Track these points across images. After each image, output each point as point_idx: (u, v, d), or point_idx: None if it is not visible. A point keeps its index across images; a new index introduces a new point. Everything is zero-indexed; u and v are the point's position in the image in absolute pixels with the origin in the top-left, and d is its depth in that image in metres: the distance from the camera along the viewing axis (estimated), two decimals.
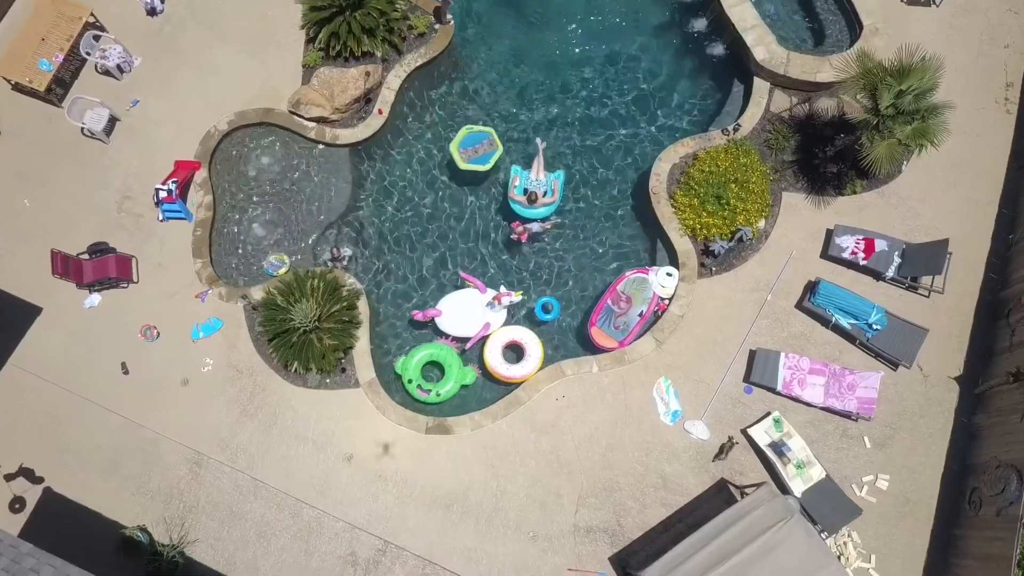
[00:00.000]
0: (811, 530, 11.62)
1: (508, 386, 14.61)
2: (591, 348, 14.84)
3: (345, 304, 14.29)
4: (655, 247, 15.57)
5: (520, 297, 14.85)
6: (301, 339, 13.94)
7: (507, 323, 15.04)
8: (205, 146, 16.12)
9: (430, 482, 13.94)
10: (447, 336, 15.08)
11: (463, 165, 15.71)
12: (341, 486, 13.99)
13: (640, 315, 14.68)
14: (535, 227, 15.35)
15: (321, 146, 16.31)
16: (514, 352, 14.79)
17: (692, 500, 13.61)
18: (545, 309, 15.12)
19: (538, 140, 15.96)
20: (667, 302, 14.76)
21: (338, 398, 14.52)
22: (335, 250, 15.18)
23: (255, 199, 16.16)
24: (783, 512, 11.66)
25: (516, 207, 15.55)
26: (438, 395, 14.32)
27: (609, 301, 14.91)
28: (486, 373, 14.68)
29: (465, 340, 14.92)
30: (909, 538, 13.29)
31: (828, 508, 13.00)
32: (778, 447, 13.40)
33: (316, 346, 13.90)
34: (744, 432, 13.84)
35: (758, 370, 13.95)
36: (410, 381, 14.41)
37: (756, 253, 14.97)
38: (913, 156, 15.15)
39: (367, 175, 16.41)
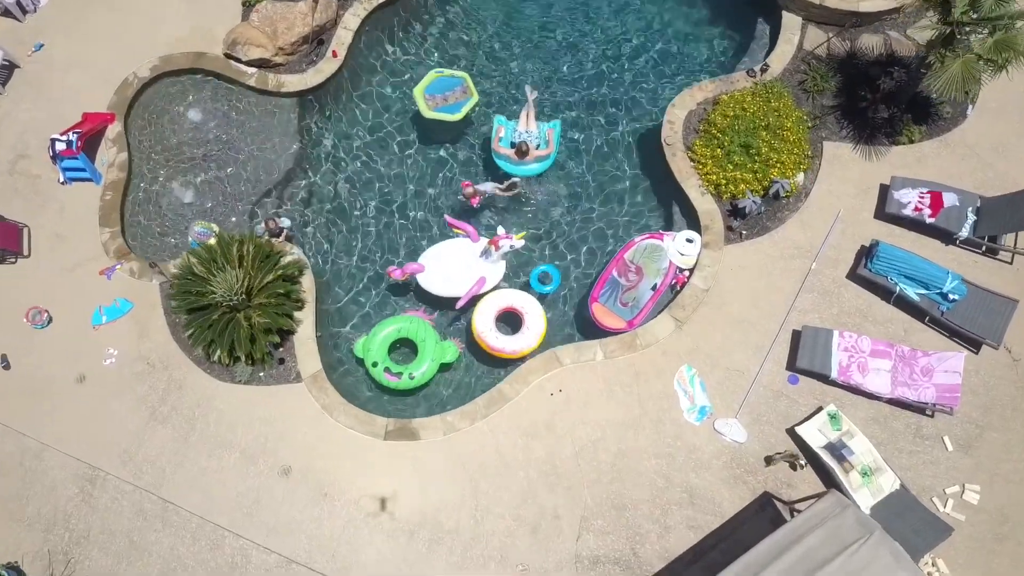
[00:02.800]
0: (899, 552, 8.56)
1: (497, 365, 11.79)
2: (593, 330, 11.88)
3: (282, 275, 11.29)
4: (670, 209, 12.73)
5: (522, 241, 11.90)
6: (224, 318, 10.90)
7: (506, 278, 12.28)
8: (121, 96, 13.35)
9: (390, 501, 10.81)
10: (419, 308, 12.13)
11: (428, 113, 12.95)
12: (275, 508, 10.84)
13: (653, 289, 11.77)
14: (487, 188, 12.48)
15: (263, 95, 13.48)
16: (509, 324, 11.91)
17: (728, 521, 10.54)
18: (542, 280, 12.20)
19: (528, 87, 13.29)
20: (687, 274, 11.86)
21: (274, 396, 11.46)
22: (272, 221, 12.21)
23: (181, 159, 13.27)
24: (859, 529, 8.64)
25: (503, 163, 12.75)
26: (412, 378, 11.31)
27: (614, 272, 12.00)
28: (472, 344, 11.81)
29: (454, 300, 11.99)
30: (1011, 568, 10.22)
31: (907, 527, 9.95)
32: (836, 449, 10.40)
33: (243, 326, 10.85)
34: (791, 432, 10.84)
35: (806, 354, 11.01)
36: (375, 364, 11.37)
37: (795, 214, 12.15)
38: (979, 99, 12.52)
39: (317, 130, 13.62)
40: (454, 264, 11.99)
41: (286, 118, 13.47)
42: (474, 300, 11.84)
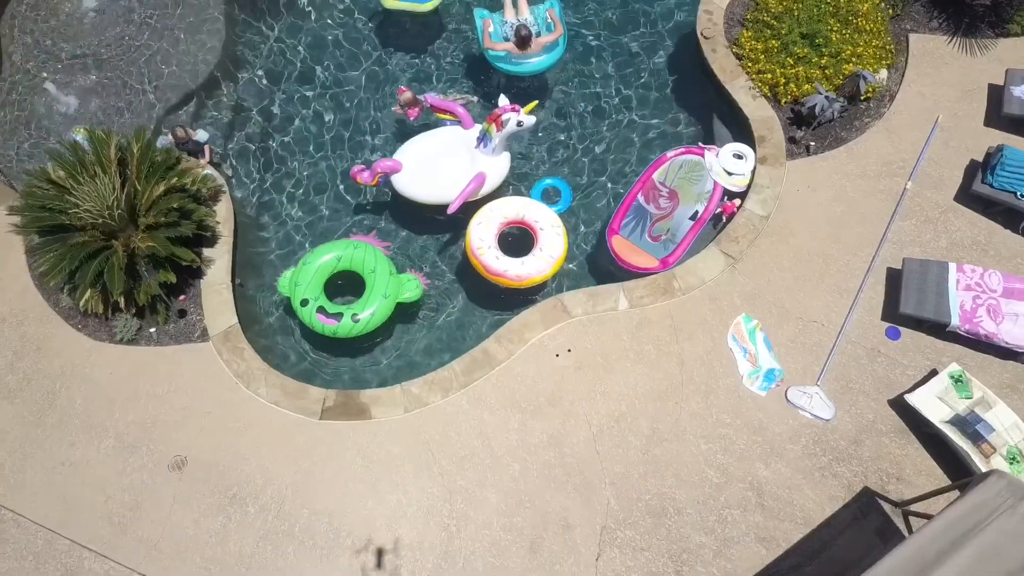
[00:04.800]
0: None
1: (489, 306, 8.83)
2: (613, 273, 8.73)
3: (179, 188, 8.09)
4: (710, 121, 9.67)
5: (533, 117, 8.69)
6: (93, 245, 7.66)
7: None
8: None
9: (327, 507, 7.50)
10: (372, 233, 8.98)
11: (390, 3, 9.93)
12: (161, 517, 7.52)
13: (694, 218, 8.67)
14: (434, 99, 9.40)
15: None
16: (517, 245, 8.78)
17: (814, 531, 7.29)
18: (548, 196, 9.11)
19: None
20: (737, 201, 8.77)
21: (169, 361, 8.20)
22: (182, 130, 9.07)
23: (63, 55, 10.13)
24: None
25: (503, 64, 9.70)
26: (356, 321, 8.07)
27: (640, 197, 8.90)
28: (463, 270, 8.78)
29: (442, 208, 8.86)
30: None
31: None
32: (969, 425, 7.22)
33: (120, 256, 7.61)
34: (897, 404, 7.66)
35: (911, 296, 7.88)
36: (304, 303, 8.13)
37: (878, 121, 9.13)
38: None
39: (250, 19, 10.51)
40: (442, 159, 8.87)
41: (208, 7, 10.38)
42: (471, 207, 8.67)
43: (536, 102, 9.04)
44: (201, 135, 9.35)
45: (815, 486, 7.43)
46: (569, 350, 8.09)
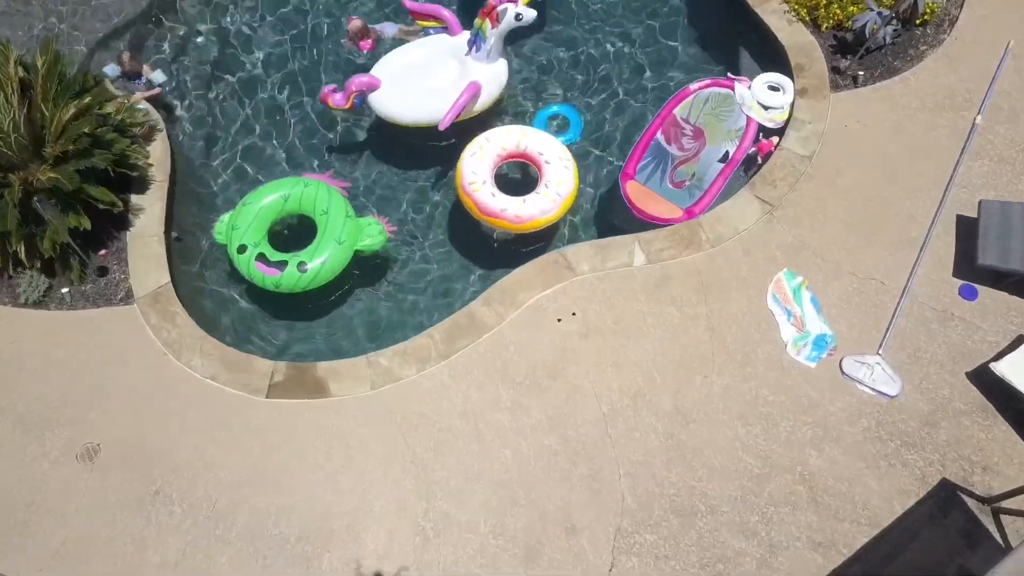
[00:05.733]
0: None
1: (478, 258, 7.49)
2: (626, 221, 7.29)
3: (100, 109, 6.61)
4: (735, 52, 8.26)
5: (532, 10, 7.29)
6: None
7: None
8: None
9: (272, 504, 6.00)
10: (327, 172, 7.54)
11: None
12: (65, 517, 6.00)
13: (724, 160, 7.23)
14: (387, 29, 8.12)
15: None
16: (518, 184, 7.45)
17: (882, 533, 5.81)
18: (553, 126, 7.72)
19: None
20: (775, 139, 7.34)
21: (85, 326, 6.73)
22: (128, 55, 7.64)
23: None
24: None
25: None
26: (303, 270, 6.58)
27: (660, 135, 7.46)
28: (454, 214, 7.44)
29: (428, 131, 7.55)
30: None
31: None
32: None
33: (15, 190, 6.12)
34: (978, 376, 6.21)
35: (990, 246, 6.44)
36: (242, 249, 6.66)
37: (936, 48, 7.73)
38: None
39: None
40: (427, 70, 7.54)
41: None
42: (461, 134, 7.24)
43: None
44: (157, 76, 7.88)
45: (881, 478, 5.96)
46: (574, 313, 6.63)
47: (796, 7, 7.90)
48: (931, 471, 5.97)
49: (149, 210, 7.14)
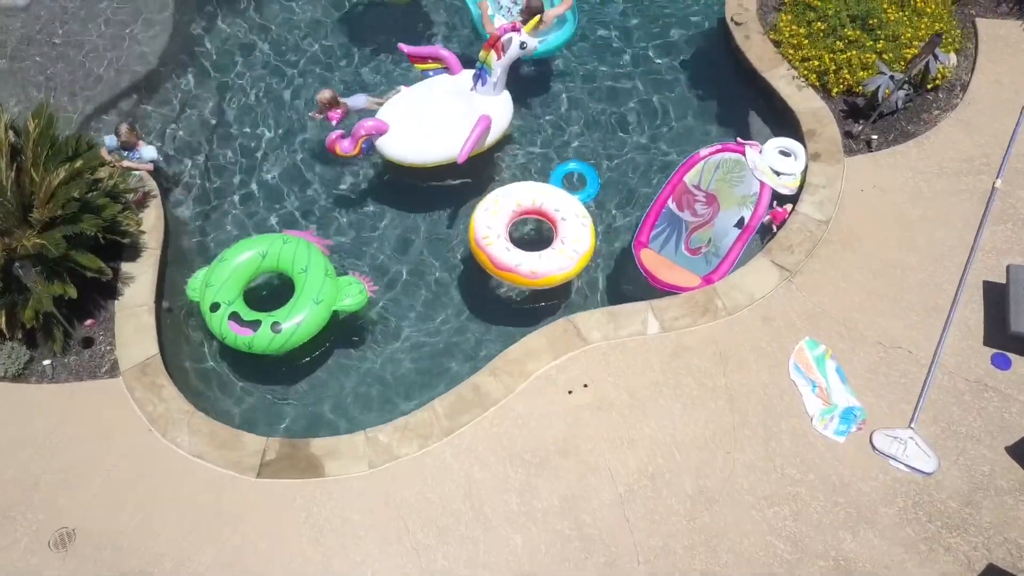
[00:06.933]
0: None
1: (487, 317, 7.16)
2: (639, 288, 6.99)
3: (92, 174, 6.38)
4: (744, 117, 8.12)
5: (535, 41, 7.29)
6: None
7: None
8: None
9: None
10: (310, 229, 7.28)
11: None
12: None
13: (740, 225, 6.99)
14: (359, 101, 8.00)
15: None
16: (532, 241, 7.25)
17: None
18: (572, 183, 7.53)
19: None
20: (789, 206, 7.12)
21: (66, 400, 6.32)
22: (128, 127, 7.44)
23: None
24: None
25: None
26: (275, 332, 6.23)
27: (671, 202, 7.24)
28: (466, 266, 7.18)
29: (438, 172, 7.51)
30: None
31: None
32: None
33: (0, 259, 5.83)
34: (1018, 451, 5.81)
35: (1022, 312, 6.12)
36: (215, 307, 6.32)
37: (950, 112, 7.61)
38: None
39: (201, 19, 9.08)
40: (434, 109, 7.37)
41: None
42: (464, 172, 7.19)
43: (538, 17, 7.70)
44: (149, 152, 7.64)
45: (922, 563, 5.49)
46: (585, 385, 6.26)
47: (805, 72, 7.81)
48: (976, 556, 5.50)
49: (140, 278, 6.83)
